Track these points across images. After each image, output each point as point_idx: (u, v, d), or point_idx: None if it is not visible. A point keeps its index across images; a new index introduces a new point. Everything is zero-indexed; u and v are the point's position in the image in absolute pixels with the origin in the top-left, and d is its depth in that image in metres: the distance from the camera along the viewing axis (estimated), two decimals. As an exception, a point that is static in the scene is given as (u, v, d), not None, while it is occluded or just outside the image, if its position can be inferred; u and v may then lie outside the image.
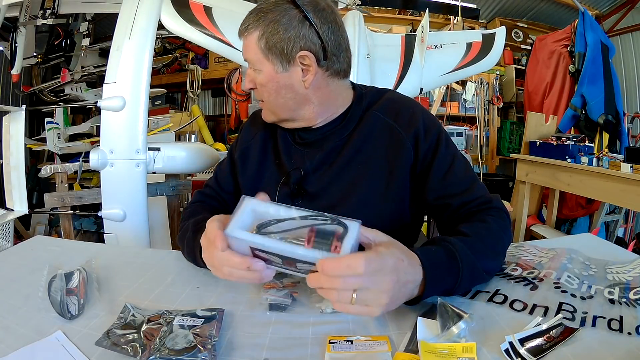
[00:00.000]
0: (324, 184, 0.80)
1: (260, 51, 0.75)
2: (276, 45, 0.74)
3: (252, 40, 0.76)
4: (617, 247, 0.80)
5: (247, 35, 0.76)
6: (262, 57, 0.76)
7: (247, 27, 0.76)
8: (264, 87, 0.79)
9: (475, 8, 3.96)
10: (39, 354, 0.47)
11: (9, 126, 1.63)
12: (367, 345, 0.48)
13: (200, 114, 3.42)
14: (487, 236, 0.65)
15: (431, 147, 0.77)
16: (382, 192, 0.78)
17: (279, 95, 0.79)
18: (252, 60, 0.78)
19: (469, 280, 0.60)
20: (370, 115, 0.81)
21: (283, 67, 0.76)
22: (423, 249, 0.57)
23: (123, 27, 1.38)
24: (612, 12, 3.76)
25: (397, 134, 0.78)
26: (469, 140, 3.83)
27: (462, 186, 0.75)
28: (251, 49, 0.76)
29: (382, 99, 0.84)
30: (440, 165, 0.76)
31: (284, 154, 0.85)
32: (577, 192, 2.27)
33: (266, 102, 0.81)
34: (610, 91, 2.66)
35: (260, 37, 0.75)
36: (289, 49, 0.74)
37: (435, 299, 0.54)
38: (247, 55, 0.78)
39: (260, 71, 0.77)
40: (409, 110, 0.80)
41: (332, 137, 0.82)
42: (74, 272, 0.61)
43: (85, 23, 3.26)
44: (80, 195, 1.51)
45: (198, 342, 0.46)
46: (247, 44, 0.77)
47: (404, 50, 1.85)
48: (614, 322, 0.51)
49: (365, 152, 0.79)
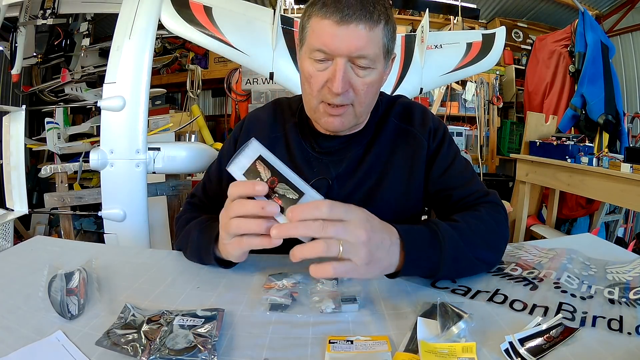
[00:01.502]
0: (346, 192, 0.79)
1: (382, 47, 0.68)
2: (389, 43, 0.69)
3: (379, 32, 0.66)
4: (617, 247, 0.80)
5: (373, 27, 0.65)
6: (381, 54, 0.68)
7: (373, 17, 0.64)
8: (371, 87, 0.70)
9: (475, 8, 3.96)
10: (39, 354, 0.47)
11: (9, 126, 1.63)
12: (367, 345, 0.48)
13: (200, 114, 3.42)
14: (477, 224, 0.65)
15: (438, 144, 0.81)
16: (403, 192, 0.80)
17: (375, 96, 0.75)
18: (372, 56, 0.66)
19: (454, 262, 0.60)
20: (387, 122, 0.83)
21: (387, 66, 0.73)
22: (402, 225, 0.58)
23: (123, 27, 1.38)
24: (612, 12, 3.76)
25: (414, 135, 0.81)
26: (469, 140, 3.83)
27: (461, 181, 0.78)
28: (376, 43, 0.66)
29: (395, 105, 0.86)
30: (443, 161, 0.80)
31: (301, 162, 0.80)
32: (577, 192, 2.27)
33: (363, 104, 0.72)
34: (610, 91, 2.66)
35: (385, 32, 0.67)
36: (392, 49, 0.72)
37: (435, 299, 0.54)
38: (370, 49, 0.65)
39: (374, 69, 0.68)
40: (421, 112, 0.85)
41: (354, 145, 0.81)
42: (74, 272, 0.61)
43: (85, 23, 3.26)
44: (80, 195, 1.51)
45: (198, 342, 0.46)
46: (371, 36, 0.65)
47: (404, 50, 1.85)
48: (614, 322, 0.51)
49: (386, 159, 0.80)
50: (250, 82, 3.31)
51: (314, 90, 0.70)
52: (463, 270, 0.64)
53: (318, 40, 0.66)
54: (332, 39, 0.65)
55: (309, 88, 0.71)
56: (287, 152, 0.82)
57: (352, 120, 0.74)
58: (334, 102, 0.70)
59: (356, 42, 0.64)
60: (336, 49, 0.65)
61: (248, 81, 3.32)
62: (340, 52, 0.65)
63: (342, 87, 0.66)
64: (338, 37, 0.64)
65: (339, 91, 0.67)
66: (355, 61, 0.66)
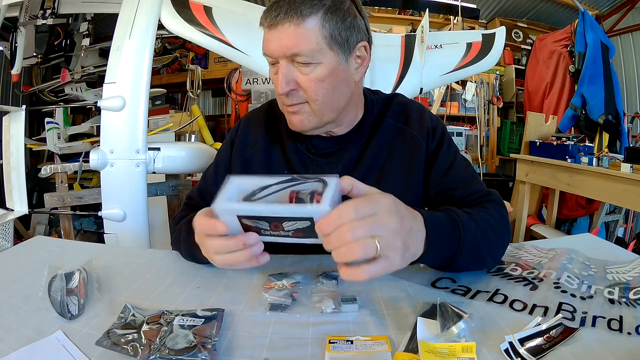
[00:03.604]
0: None
1: (324, 40, 0.67)
2: (340, 33, 0.68)
3: (311, 27, 0.66)
4: (617, 247, 0.80)
5: (301, 23, 0.65)
6: (326, 46, 0.67)
7: (299, 13, 0.65)
8: (321, 83, 0.69)
9: (475, 8, 3.96)
10: (39, 354, 0.47)
11: (9, 126, 1.63)
12: (367, 345, 0.48)
13: (200, 114, 3.41)
14: (488, 219, 0.66)
15: (437, 144, 0.81)
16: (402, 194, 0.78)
17: (335, 92, 0.72)
18: (307, 52, 0.66)
19: (470, 253, 0.60)
20: (383, 122, 0.82)
21: (345, 59, 0.71)
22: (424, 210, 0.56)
23: (123, 27, 1.38)
24: (612, 12, 3.76)
25: (411, 136, 0.81)
26: (469, 140, 3.83)
27: (462, 180, 0.78)
28: (309, 38, 0.66)
29: (391, 104, 0.85)
30: (443, 162, 0.79)
31: (297, 165, 0.80)
32: (577, 192, 2.27)
33: (318, 101, 0.71)
34: (610, 91, 2.66)
35: (323, 24, 0.66)
36: (351, 38, 0.70)
37: (435, 299, 0.54)
38: (302, 46, 0.66)
39: (319, 64, 0.68)
40: (418, 112, 0.84)
41: (350, 146, 0.81)
42: (74, 272, 0.61)
43: (85, 23, 3.26)
44: (80, 195, 1.51)
45: (198, 342, 0.46)
46: (301, 32, 0.65)
47: (404, 50, 1.85)
48: (614, 322, 0.51)
49: (383, 160, 0.80)
50: (250, 82, 3.31)
51: (277, 93, 0.73)
52: (474, 263, 0.64)
53: (263, 47, 0.70)
54: (268, 44, 0.69)
55: (275, 92, 0.74)
56: (283, 155, 0.82)
57: (312, 118, 0.73)
58: (285, 102, 0.73)
59: (285, 42, 0.66)
60: (273, 52, 0.69)
61: (248, 81, 3.31)
62: (277, 55, 0.68)
63: (282, 88, 0.69)
64: (271, 41, 0.68)
65: (279, 92, 0.70)
66: (294, 59, 0.68)
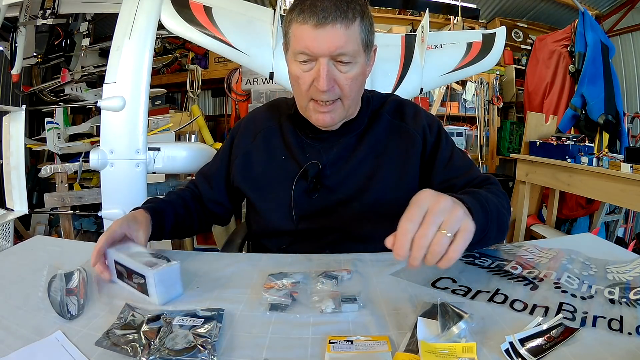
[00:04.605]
0: (340, 178, 0.83)
1: (361, 42, 0.73)
2: (367, 37, 0.75)
3: (355, 29, 0.71)
4: (617, 247, 0.80)
5: (350, 25, 0.70)
6: (361, 48, 0.73)
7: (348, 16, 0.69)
8: (355, 81, 0.75)
9: (475, 8, 3.96)
10: (38, 354, 0.46)
11: (9, 126, 1.63)
12: (367, 345, 0.48)
13: (200, 114, 3.41)
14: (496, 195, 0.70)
15: (435, 140, 0.86)
16: (397, 182, 0.84)
17: (360, 89, 0.79)
18: (351, 52, 0.72)
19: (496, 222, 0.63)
20: (379, 117, 0.87)
21: (368, 59, 0.77)
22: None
23: (123, 27, 1.38)
24: (612, 12, 3.76)
25: (406, 131, 0.86)
26: (469, 140, 3.83)
27: (463, 169, 0.83)
28: (354, 39, 0.71)
29: (387, 102, 0.90)
30: (443, 155, 0.84)
31: (295, 148, 0.86)
32: (577, 192, 2.27)
33: (350, 98, 0.77)
34: (610, 91, 2.66)
35: (362, 28, 0.72)
36: (372, 41, 0.77)
37: (435, 299, 0.54)
38: (349, 46, 0.71)
39: (356, 64, 0.74)
40: (412, 110, 0.89)
41: (346, 132, 0.86)
42: (74, 272, 0.61)
43: (85, 23, 3.25)
44: (80, 195, 1.51)
45: (198, 342, 0.46)
46: (349, 33, 0.70)
47: (404, 50, 1.85)
48: (614, 322, 0.51)
49: (379, 149, 0.85)
50: (250, 82, 3.31)
51: (303, 90, 0.76)
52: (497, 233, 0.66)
53: (300, 44, 0.71)
54: (313, 42, 0.70)
55: (299, 89, 0.77)
56: (282, 139, 0.87)
57: (341, 113, 0.79)
58: (322, 99, 0.75)
59: (335, 42, 0.70)
60: (318, 51, 0.71)
61: (248, 81, 3.31)
62: (322, 53, 0.71)
63: (327, 85, 0.72)
64: (318, 39, 0.70)
65: (325, 89, 0.72)
66: (336, 59, 0.72)
